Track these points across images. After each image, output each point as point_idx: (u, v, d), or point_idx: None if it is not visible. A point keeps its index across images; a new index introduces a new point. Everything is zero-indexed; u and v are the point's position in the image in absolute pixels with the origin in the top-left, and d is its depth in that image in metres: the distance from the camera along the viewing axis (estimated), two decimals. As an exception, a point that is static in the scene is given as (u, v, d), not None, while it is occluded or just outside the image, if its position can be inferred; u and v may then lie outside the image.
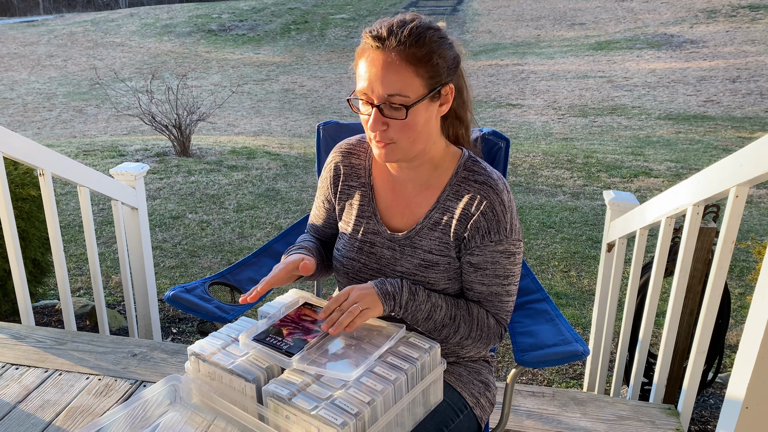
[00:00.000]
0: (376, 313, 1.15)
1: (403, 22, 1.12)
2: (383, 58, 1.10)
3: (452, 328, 1.20)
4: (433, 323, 1.20)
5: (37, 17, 26.78)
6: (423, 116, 1.14)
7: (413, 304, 1.18)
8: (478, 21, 21.29)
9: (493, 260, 1.20)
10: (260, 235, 4.60)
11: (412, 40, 1.09)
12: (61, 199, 5.09)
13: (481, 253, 1.20)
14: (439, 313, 1.20)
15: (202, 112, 7.53)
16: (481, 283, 1.21)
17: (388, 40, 1.09)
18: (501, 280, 1.21)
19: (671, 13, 19.60)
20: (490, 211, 1.19)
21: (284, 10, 23.23)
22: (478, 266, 1.21)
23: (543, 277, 3.91)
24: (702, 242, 1.85)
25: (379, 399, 1.01)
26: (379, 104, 1.12)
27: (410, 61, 1.09)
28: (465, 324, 1.21)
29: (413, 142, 1.15)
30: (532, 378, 2.84)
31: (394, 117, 1.12)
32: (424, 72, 1.11)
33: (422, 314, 1.19)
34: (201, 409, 1.08)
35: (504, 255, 1.20)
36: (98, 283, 2.46)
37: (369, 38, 1.12)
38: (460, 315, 1.21)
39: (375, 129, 1.14)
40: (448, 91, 1.16)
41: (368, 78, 1.11)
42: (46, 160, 2.18)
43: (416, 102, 1.11)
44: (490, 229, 1.19)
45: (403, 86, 1.10)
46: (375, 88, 1.11)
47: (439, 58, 1.12)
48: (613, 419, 1.82)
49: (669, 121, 9.93)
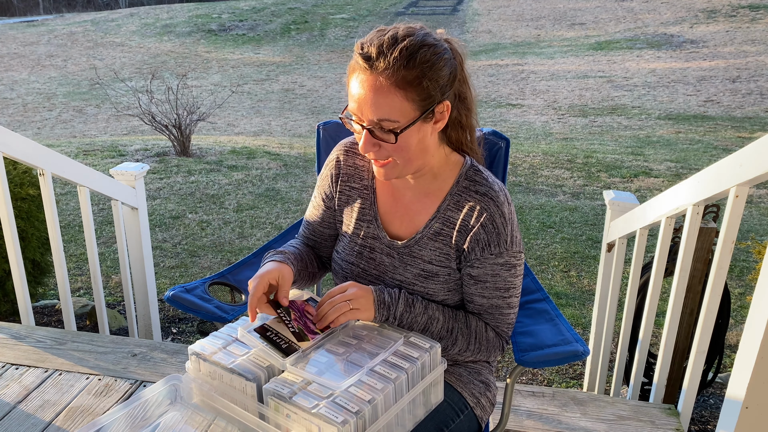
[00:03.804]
0: (366, 317, 1.14)
1: (394, 40, 1.05)
2: (372, 82, 1.05)
3: (449, 340, 1.20)
4: (430, 335, 1.19)
5: (37, 17, 26.77)
6: (416, 137, 1.10)
7: (409, 315, 1.17)
8: (478, 21, 21.28)
9: (493, 273, 1.19)
10: (260, 235, 4.60)
11: (402, 62, 1.03)
12: (61, 199, 5.09)
13: (482, 265, 1.18)
14: (435, 326, 1.19)
15: (202, 112, 7.52)
16: (481, 295, 1.20)
17: (377, 61, 1.04)
18: (502, 293, 1.20)
19: (671, 13, 19.60)
20: (490, 224, 1.16)
21: (284, 10, 23.22)
22: (478, 279, 1.19)
23: (543, 277, 3.91)
24: (702, 242, 1.85)
25: (380, 398, 1.01)
26: (369, 128, 1.09)
27: (399, 86, 1.04)
28: (463, 337, 1.20)
29: (408, 161, 1.13)
30: (532, 378, 2.84)
31: (384, 140, 1.09)
32: (415, 95, 1.05)
33: (418, 326, 1.18)
34: (201, 409, 1.09)
35: (504, 267, 1.19)
36: (98, 283, 2.46)
37: (359, 57, 1.07)
38: (458, 328, 1.20)
39: (366, 151, 1.11)
40: (443, 108, 1.11)
41: (357, 100, 1.08)
42: (46, 160, 2.18)
43: (406, 127, 1.07)
44: (491, 242, 1.17)
45: (391, 111, 1.05)
46: (364, 112, 1.07)
47: (430, 80, 1.06)
48: (613, 419, 1.82)
49: (669, 121, 9.93)
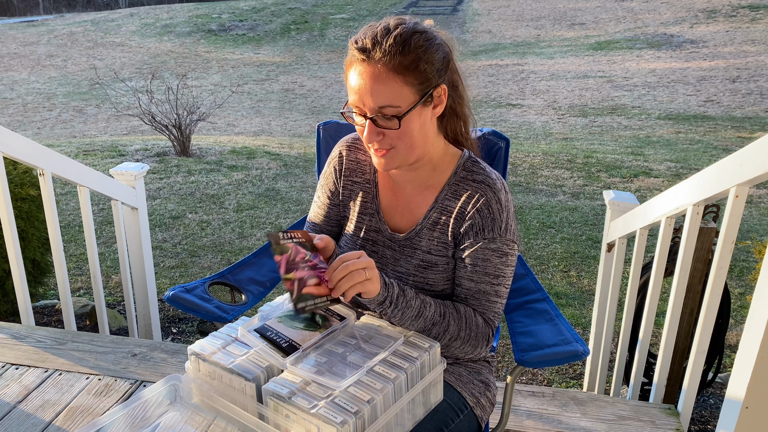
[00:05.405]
0: (373, 291, 1.10)
1: (387, 30, 1.10)
2: (370, 71, 1.09)
3: (442, 326, 1.18)
4: (423, 321, 1.17)
5: (37, 17, 26.77)
6: (417, 122, 1.13)
7: (403, 300, 1.15)
8: (478, 21, 21.29)
9: (484, 257, 1.19)
10: (260, 235, 4.60)
11: (398, 48, 1.08)
12: (61, 199, 5.09)
13: (473, 248, 1.19)
14: (429, 310, 1.17)
15: (202, 112, 7.52)
16: (470, 279, 1.21)
17: (373, 51, 1.08)
18: (491, 279, 1.21)
19: (671, 13, 19.60)
20: (485, 209, 1.19)
21: (284, 10, 23.23)
22: (468, 262, 1.20)
23: (543, 277, 3.91)
24: (702, 242, 1.85)
25: (379, 398, 1.01)
26: (371, 116, 1.11)
27: (397, 71, 1.08)
28: (454, 321, 1.19)
29: (411, 147, 1.16)
30: (532, 378, 2.84)
31: (387, 127, 1.12)
32: (413, 79, 1.10)
33: (412, 311, 1.16)
34: (201, 409, 1.09)
35: (496, 254, 1.20)
36: (98, 283, 2.46)
37: (355, 50, 1.11)
38: (449, 313, 1.20)
39: (370, 140, 1.14)
40: (441, 92, 1.15)
41: (358, 91, 1.11)
42: (46, 160, 2.18)
43: (408, 111, 1.10)
44: (485, 227, 1.19)
45: (392, 97, 1.09)
46: (366, 101, 1.10)
47: (426, 63, 1.10)
48: (613, 419, 1.82)
49: (669, 121, 9.93)
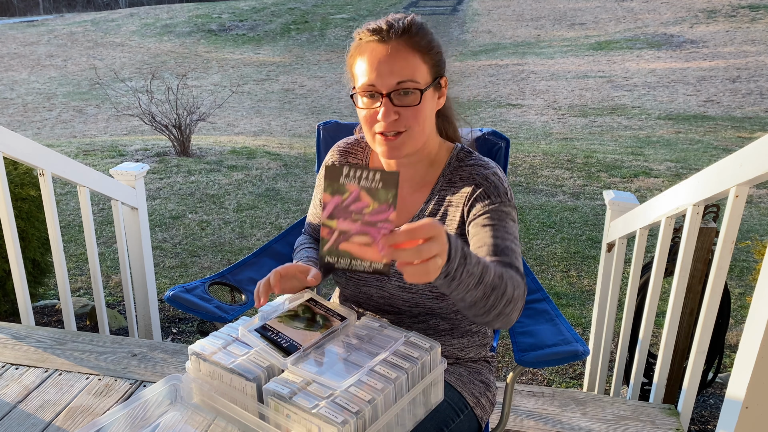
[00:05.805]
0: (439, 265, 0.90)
1: (395, 17, 1.14)
2: (388, 48, 1.11)
3: (501, 289, 1.01)
4: (483, 288, 0.98)
5: (37, 17, 26.77)
6: (429, 105, 1.16)
7: (464, 269, 0.95)
8: (478, 21, 21.29)
9: (499, 217, 1.16)
10: (260, 235, 4.60)
11: (415, 29, 1.12)
12: (61, 199, 5.09)
13: (487, 212, 1.16)
14: (489, 275, 0.99)
15: (202, 112, 7.52)
16: (494, 236, 1.13)
17: (389, 31, 1.11)
18: (510, 236, 1.15)
19: (671, 13, 19.60)
20: (485, 181, 1.19)
21: (284, 10, 23.22)
22: (487, 224, 1.15)
23: (543, 277, 3.91)
24: (702, 242, 1.85)
25: (380, 398, 1.01)
26: (388, 93, 1.11)
27: (416, 48, 1.12)
28: (510, 279, 1.04)
29: (422, 131, 1.16)
30: (532, 378, 2.84)
31: (405, 104, 1.12)
32: (429, 59, 1.14)
33: (474, 279, 0.96)
34: (201, 409, 1.09)
35: (508, 216, 1.17)
36: (98, 283, 2.46)
37: (367, 34, 1.13)
38: (503, 271, 1.04)
39: (387, 119, 1.12)
40: (444, 83, 1.20)
41: (376, 69, 1.11)
42: (46, 160, 2.18)
43: (426, 87, 1.13)
44: (490, 194, 1.18)
45: (413, 72, 1.11)
46: (384, 79, 1.11)
47: (437, 48, 1.16)
48: (613, 419, 1.82)
49: (669, 121, 9.93)
